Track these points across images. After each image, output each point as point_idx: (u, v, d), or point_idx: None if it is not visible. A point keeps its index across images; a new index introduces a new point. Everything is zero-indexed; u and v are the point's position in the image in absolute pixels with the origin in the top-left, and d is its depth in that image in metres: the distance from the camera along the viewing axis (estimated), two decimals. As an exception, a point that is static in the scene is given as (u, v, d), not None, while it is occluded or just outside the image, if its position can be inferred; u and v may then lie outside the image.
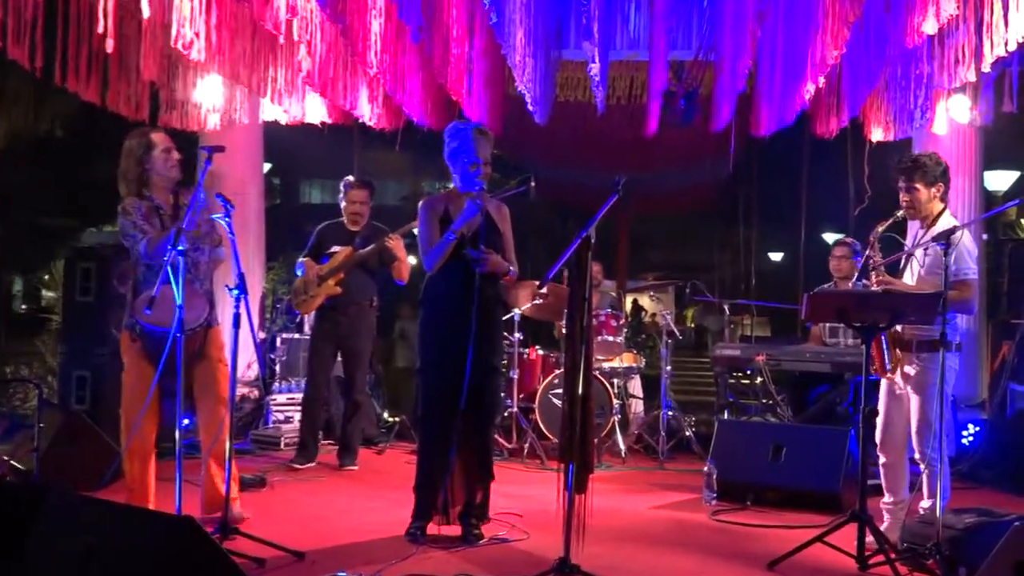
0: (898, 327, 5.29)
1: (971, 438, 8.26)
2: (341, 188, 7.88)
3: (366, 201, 7.79)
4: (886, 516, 5.52)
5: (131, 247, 5.39)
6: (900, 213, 5.46)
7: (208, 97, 9.04)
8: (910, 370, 5.34)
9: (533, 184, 7.00)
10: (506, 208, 5.66)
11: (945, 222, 5.36)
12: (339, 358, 7.94)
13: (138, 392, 5.29)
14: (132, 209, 5.39)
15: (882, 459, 5.51)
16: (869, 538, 4.99)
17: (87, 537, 3.36)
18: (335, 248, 7.66)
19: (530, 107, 8.90)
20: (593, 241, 4.65)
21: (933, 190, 5.38)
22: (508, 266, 5.46)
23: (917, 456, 5.34)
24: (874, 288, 5.35)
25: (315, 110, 9.55)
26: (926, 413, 5.25)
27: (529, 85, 8.23)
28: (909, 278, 5.43)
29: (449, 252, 5.40)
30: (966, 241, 5.23)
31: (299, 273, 7.71)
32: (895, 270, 5.52)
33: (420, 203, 5.66)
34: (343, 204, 7.82)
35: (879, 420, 5.51)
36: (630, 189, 5.24)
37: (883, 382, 5.48)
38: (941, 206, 5.44)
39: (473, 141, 5.46)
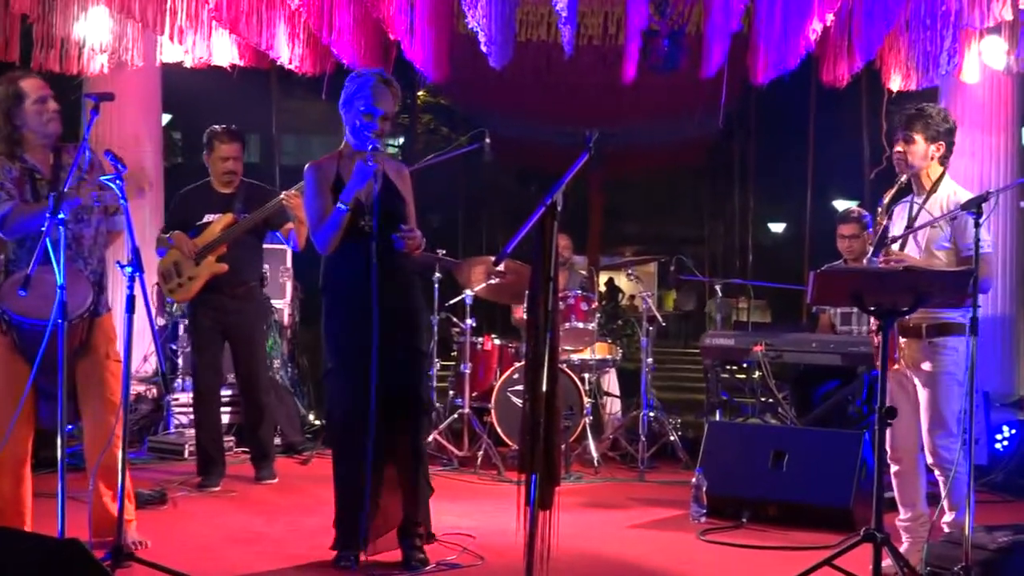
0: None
1: (1006, 442, 8.36)
2: (205, 141, 7.58)
3: (239, 156, 7.54)
4: (904, 535, 5.59)
5: None
6: (903, 178, 5.55)
7: (93, 34, 8.94)
8: (920, 360, 5.41)
9: (488, 140, 7.01)
10: (407, 170, 5.63)
11: (947, 188, 5.50)
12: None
13: (9, 393, 5.21)
14: (1, 172, 5.31)
15: (893, 467, 5.58)
16: (887, 561, 5.05)
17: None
18: (209, 217, 7.40)
19: (484, 48, 8.88)
20: (560, 209, 4.65)
21: (933, 147, 5.49)
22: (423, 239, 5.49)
23: (930, 461, 5.42)
24: (886, 265, 5.40)
25: (224, 51, 9.47)
26: (939, 409, 5.34)
27: (483, 22, 8.21)
28: (914, 254, 5.50)
29: (343, 226, 5.37)
30: (983, 212, 5.31)
31: (161, 255, 7.41)
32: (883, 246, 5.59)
33: (306, 167, 5.60)
34: (209, 161, 7.54)
35: None
36: (604, 146, 5.26)
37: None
38: (940, 170, 5.56)
39: (371, 88, 5.43)
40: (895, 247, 5.50)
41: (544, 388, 4.56)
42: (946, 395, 5.35)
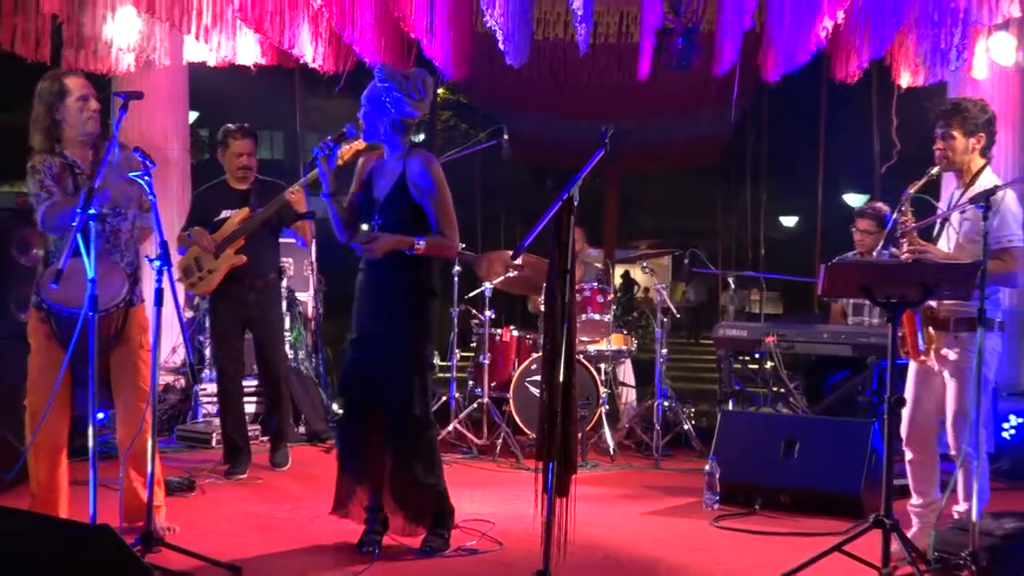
0: (933, 303, 5.33)
1: (1013, 431, 8.34)
2: (219, 138, 7.65)
3: (253, 152, 7.59)
4: (915, 521, 5.59)
5: (35, 212, 5.37)
6: (935, 170, 5.49)
7: (121, 33, 8.96)
8: (947, 352, 5.39)
9: (506, 137, 7.02)
10: (432, 163, 5.51)
11: (987, 180, 5.40)
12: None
13: (45, 380, 5.27)
14: (41, 168, 5.36)
15: (909, 455, 5.57)
16: (895, 546, 5.04)
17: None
18: (226, 213, 7.44)
19: (502, 46, 8.88)
20: (576, 203, 4.65)
21: (972, 141, 5.43)
22: (412, 240, 5.36)
23: (952, 452, 5.40)
24: (903, 257, 5.38)
25: (248, 50, 9.49)
26: (964, 401, 5.31)
27: (501, 20, 8.21)
28: (945, 246, 5.47)
29: (343, 219, 5.60)
30: (1010, 202, 5.28)
31: (182, 254, 7.44)
32: (928, 237, 5.56)
33: None
34: (224, 158, 7.60)
35: (906, 410, 5.55)
36: (619, 143, 5.26)
37: (912, 366, 5.53)
38: (982, 162, 5.49)
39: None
40: (934, 232, 5.46)
41: (561, 378, 4.57)
42: (972, 387, 5.32)
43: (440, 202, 5.44)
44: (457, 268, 8.60)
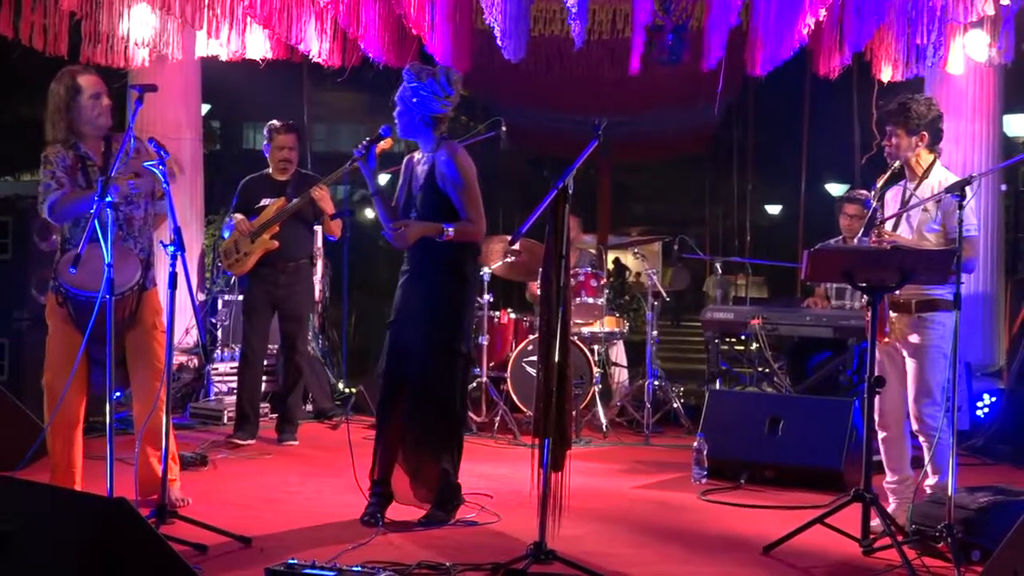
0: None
1: (986, 409, 8.35)
2: (265, 134, 7.95)
3: (294, 146, 7.88)
4: (891, 497, 5.59)
5: (40, 201, 5.35)
6: (897, 164, 5.54)
7: (136, 29, 8.94)
8: (909, 333, 5.41)
9: (504, 129, 6.97)
10: (456, 154, 5.52)
11: (938, 174, 5.48)
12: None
13: (63, 360, 5.27)
14: (54, 159, 5.35)
15: (881, 434, 5.58)
16: (875, 520, 5.05)
17: (5, 522, 3.36)
18: (265, 201, 7.69)
19: (500, 42, 8.85)
20: (571, 192, 4.64)
21: (914, 139, 5.47)
22: (441, 227, 5.37)
23: (915, 428, 5.43)
24: (875, 245, 5.39)
25: (257, 45, 9.46)
26: (925, 379, 5.36)
27: (499, 18, 8.18)
28: (906, 235, 5.49)
29: (390, 215, 5.62)
30: (969, 194, 5.29)
31: (226, 235, 7.74)
32: (872, 227, 5.57)
33: None
34: (269, 151, 7.88)
35: None
36: (612, 134, 5.24)
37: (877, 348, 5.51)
38: (931, 157, 5.54)
39: None
40: (888, 227, 5.48)
41: (557, 359, 4.57)
42: (932, 366, 5.36)
43: (466, 189, 5.46)
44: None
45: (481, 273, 8.54)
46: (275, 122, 7.89)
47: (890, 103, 5.56)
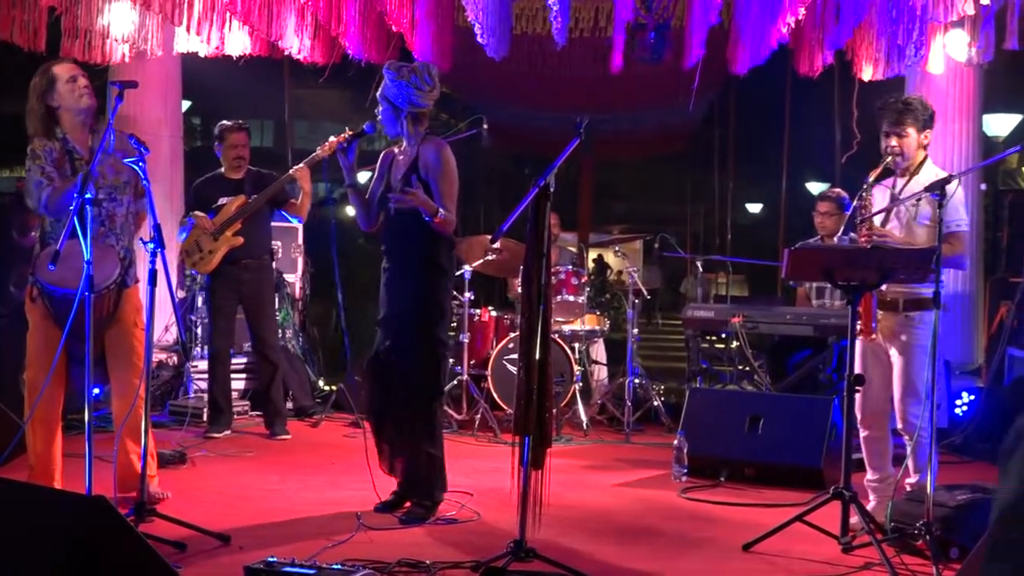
0: (882, 286, 5.35)
1: (965, 407, 8.39)
2: (217, 133, 8.02)
3: (247, 144, 7.99)
4: (871, 495, 5.62)
5: (31, 198, 5.33)
6: (888, 160, 5.52)
7: (116, 25, 8.91)
8: (897, 331, 5.43)
9: (485, 127, 6.98)
10: (441, 150, 5.60)
11: (929, 171, 5.49)
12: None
13: (43, 356, 5.27)
14: (41, 153, 5.34)
15: (863, 432, 5.60)
16: (854, 517, 5.08)
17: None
18: (222, 200, 7.78)
19: (481, 40, 8.85)
20: (552, 190, 4.65)
21: (923, 135, 5.49)
22: (436, 207, 5.45)
23: (900, 426, 5.45)
24: (861, 242, 5.41)
25: (238, 41, 9.42)
26: (911, 378, 5.37)
27: (481, 15, 8.17)
28: (896, 230, 5.50)
29: (364, 209, 5.77)
30: (949, 191, 5.31)
31: (182, 236, 7.72)
32: (853, 225, 5.59)
33: None
34: (221, 150, 7.94)
35: None
36: (593, 132, 5.27)
37: (858, 345, 5.52)
38: (923, 154, 5.57)
39: None
40: (877, 222, 5.48)
41: (537, 357, 4.58)
42: (919, 365, 5.36)
43: (446, 181, 5.55)
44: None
45: (456, 263, 8.55)
46: (226, 122, 8.00)
47: (890, 103, 5.53)
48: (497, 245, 8.31)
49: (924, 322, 5.38)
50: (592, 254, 24.08)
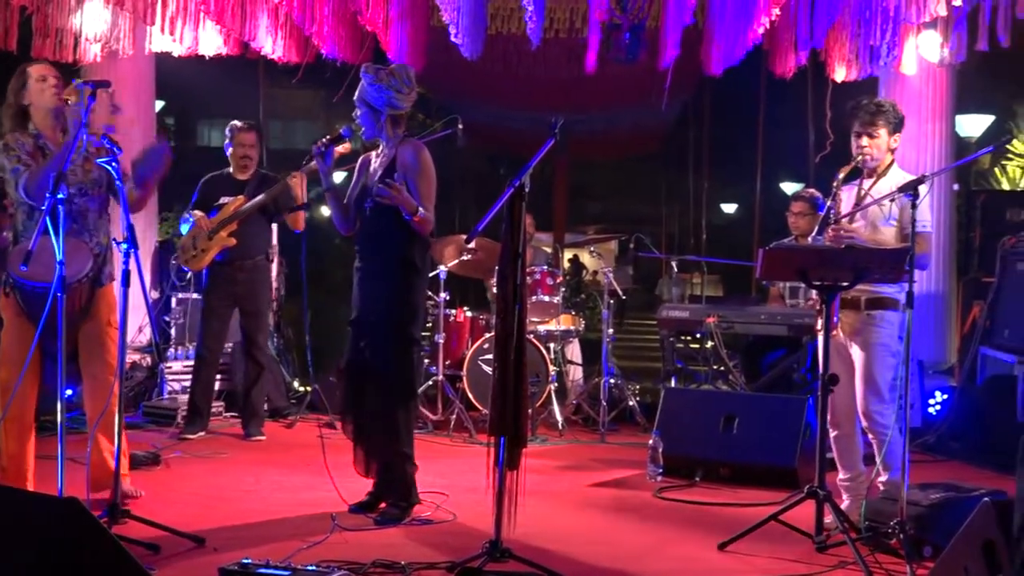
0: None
1: (938, 407, 8.44)
2: (227, 133, 8.03)
3: (255, 145, 7.96)
4: (844, 494, 5.64)
5: (13, 187, 5.34)
6: (860, 158, 5.55)
7: (88, 24, 8.85)
8: (856, 330, 5.47)
9: (461, 127, 6.98)
10: (419, 152, 5.61)
11: (896, 175, 5.54)
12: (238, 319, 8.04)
13: (15, 354, 5.24)
14: (15, 144, 5.36)
15: (833, 432, 5.62)
16: (828, 516, 5.10)
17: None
18: (224, 199, 7.74)
19: (456, 40, 8.85)
20: (527, 190, 4.65)
21: (893, 139, 5.55)
22: (416, 205, 5.45)
23: (864, 425, 5.48)
24: (829, 238, 5.44)
25: (211, 41, 9.39)
26: (873, 377, 5.42)
27: (455, 16, 8.17)
28: (862, 229, 5.54)
29: (342, 212, 5.75)
30: (922, 191, 5.35)
31: (184, 230, 7.77)
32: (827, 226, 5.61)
33: None
34: (229, 150, 7.95)
35: None
36: (568, 132, 5.29)
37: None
38: (891, 158, 5.62)
39: None
40: (845, 222, 5.51)
41: (512, 357, 4.58)
42: (880, 364, 5.42)
43: (424, 181, 5.56)
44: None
45: (430, 262, 8.56)
46: (237, 122, 7.98)
47: (863, 104, 5.57)
48: (472, 245, 8.32)
49: (885, 321, 5.42)
50: (567, 254, 24.10)
